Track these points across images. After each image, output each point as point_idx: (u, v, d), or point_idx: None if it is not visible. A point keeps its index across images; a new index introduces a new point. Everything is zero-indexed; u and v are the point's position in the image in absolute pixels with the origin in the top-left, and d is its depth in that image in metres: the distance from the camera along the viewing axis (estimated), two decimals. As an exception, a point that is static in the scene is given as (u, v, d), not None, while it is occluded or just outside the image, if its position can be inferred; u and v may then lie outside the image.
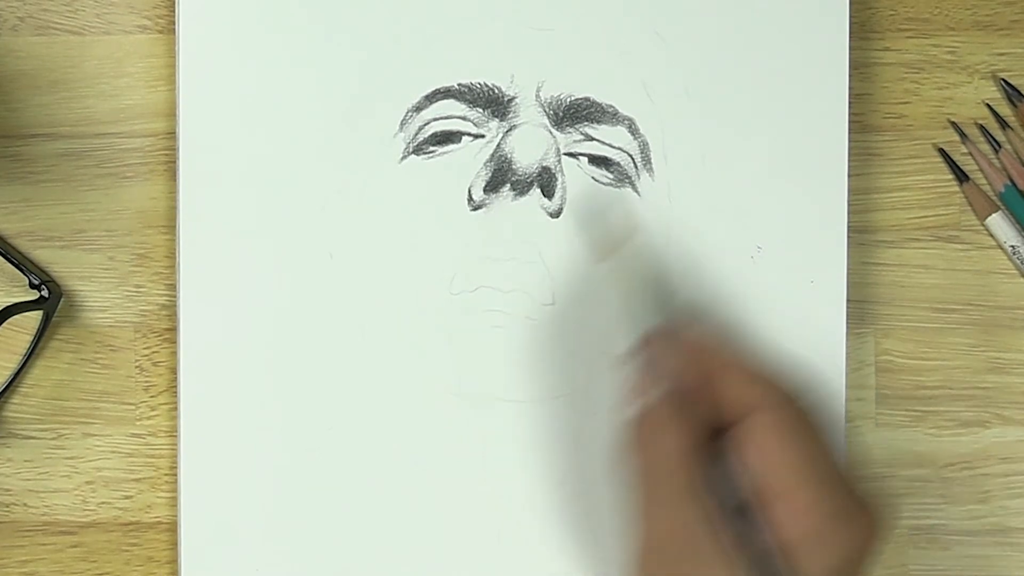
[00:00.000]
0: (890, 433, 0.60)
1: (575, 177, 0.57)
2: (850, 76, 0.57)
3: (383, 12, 0.57)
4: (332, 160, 0.57)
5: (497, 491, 0.57)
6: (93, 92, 0.59)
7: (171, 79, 0.58)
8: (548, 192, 0.57)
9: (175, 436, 0.58)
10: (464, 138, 0.57)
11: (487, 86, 0.57)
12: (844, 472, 0.48)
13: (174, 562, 0.58)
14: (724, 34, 0.57)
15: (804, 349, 0.57)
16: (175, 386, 0.58)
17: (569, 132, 0.57)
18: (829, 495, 0.47)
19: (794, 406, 0.48)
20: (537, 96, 0.57)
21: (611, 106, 0.57)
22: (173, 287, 0.58)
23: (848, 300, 0.57)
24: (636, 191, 0.57)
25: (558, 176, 0.57)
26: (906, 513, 0.60)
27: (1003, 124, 0.59)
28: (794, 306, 0.57)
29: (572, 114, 0.57)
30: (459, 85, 0.57)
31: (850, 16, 0.57)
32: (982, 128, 0.60)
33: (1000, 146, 0.60)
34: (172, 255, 0.58)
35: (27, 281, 0.57)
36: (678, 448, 0.48)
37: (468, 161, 0.57)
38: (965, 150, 0.60)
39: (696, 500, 0.47)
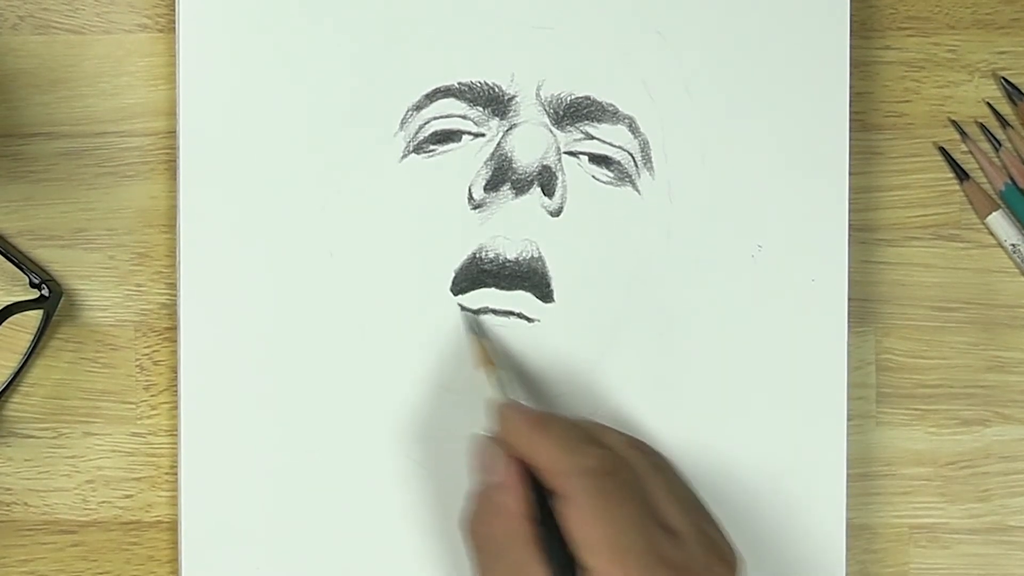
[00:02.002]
0: (891, 431, 0.60)
1: (575, 176, 0.57)
2: (851, 74, 0.57)
3: (383, 11, 0.57)
4: (332, 159, 0.57)
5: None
6: (93, 91, 0.59)
7: (171, 78, 0.58)
8: (548, 191, 0.57)
9: (175, 435, 0.58)
10: (464, 137, 0.57)
11: (487, 85, 0.57)
12: (659, 536, 0.48)
13: (174, 561, 0.58)
14: (725, 32, 0.57)
15: (805, 348, 0.57)
16: (175, 385, 0.58)
17: (569, 131, 0.57)
18: (631, 572, 0.47)
19: (602, 477, 0.49)
20: (537, 95, 0.57)
21: (611, 105, 0.57)
22: (173, 286, 0.58)
23: (849, 299, 0.57)
24: (636, 190, 0.57)
25: (558, 175, 0.57)
26: (906, 512, 0.60)
27: (1003, 122, 0.59)
28: (795, 305, 0.57)
29: (572, 113, 0.57)
30: (459, 84, 0.57)
31: (851, 14, 0.57)
32: (982, 126, 0.60)
33: (1000, 144, 0.60)
34: (172, 254, 0.58)
35: (27, 280, 0.57)
36: (518, 513, 0.49)
37: (468, 160, 0.57)
38: (965, 148, 0.60)
39: (537, 561, 0.48)
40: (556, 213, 0.57)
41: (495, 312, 0.57)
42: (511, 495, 0.50)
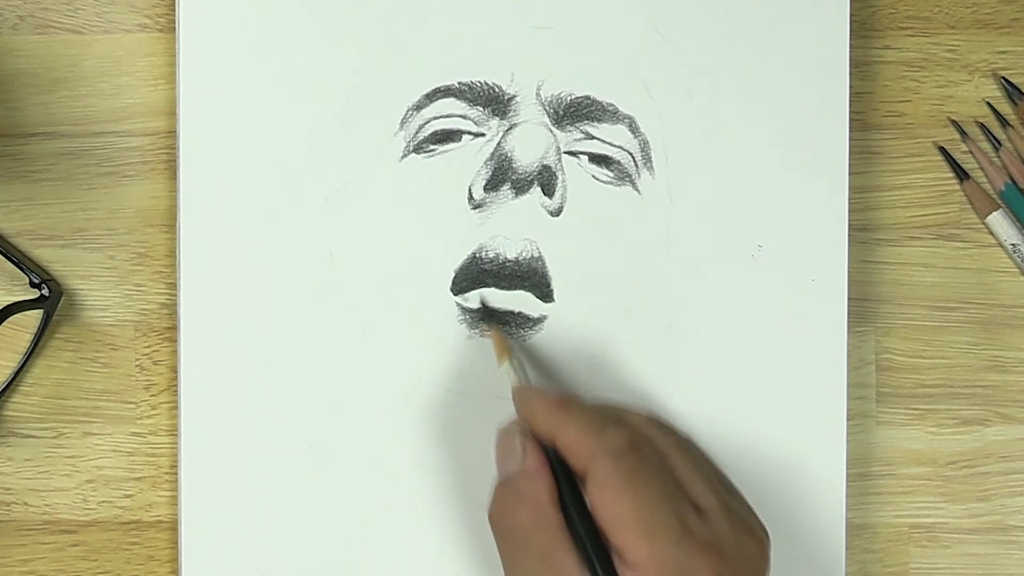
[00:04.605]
0: (891, 431, 0.60)
1: (575, 176, 0.57)
2: (851, 74, 0.57)
3: (383, 11, 0.57)
4: (332, 159, 0.57)
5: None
6: (93, 91, 0.59)
7: (171, 78, 0.58)
8: (548, 191, 0.57)
9: (175, 435, 0.58)
10: (464, 136, 0.57)
11: (487, 84, 0.57)
12: (688, 515, 0.48)
13: (174, 561, 0.58)
14: (725, 32, 0.57)
15: (805, 348, 0.57)
16: (175, 385, 0.58)
17: (569, 130, 0.57)
18: (661, 549, 0.46)
19: (628, 455, 0.48)
20: (537, 94, 0.57)
21: (611, 104, 0.57)
22: (173, 286, 0.58)
23: (849, 298, 0.57)
24: (636, 190, 0.57)
25: (558, 175, 0.57)
26: (906, 511, 0.60)
27: (1003, 122, 0.59)
28: (795, 304, 0.57)
29: (572, 112, 0.57)
30: (459, 83, 0.57)
31: (851, 14, 0.57)
32: (982, 126, 0.60)
33: (1000, 144, 0.60)
34: (172, 254, 0.58)
35: (27, 280, 0.57)
36: (543, 500, 0.48)
37: (468, 160, 0.57)
38: (965, 148, 0.60)
39: (565, 547, 0.47)
40: (556, 213, 0.57)
41: (497, 310, 0.57)
42: (535, 482, 0.49)
